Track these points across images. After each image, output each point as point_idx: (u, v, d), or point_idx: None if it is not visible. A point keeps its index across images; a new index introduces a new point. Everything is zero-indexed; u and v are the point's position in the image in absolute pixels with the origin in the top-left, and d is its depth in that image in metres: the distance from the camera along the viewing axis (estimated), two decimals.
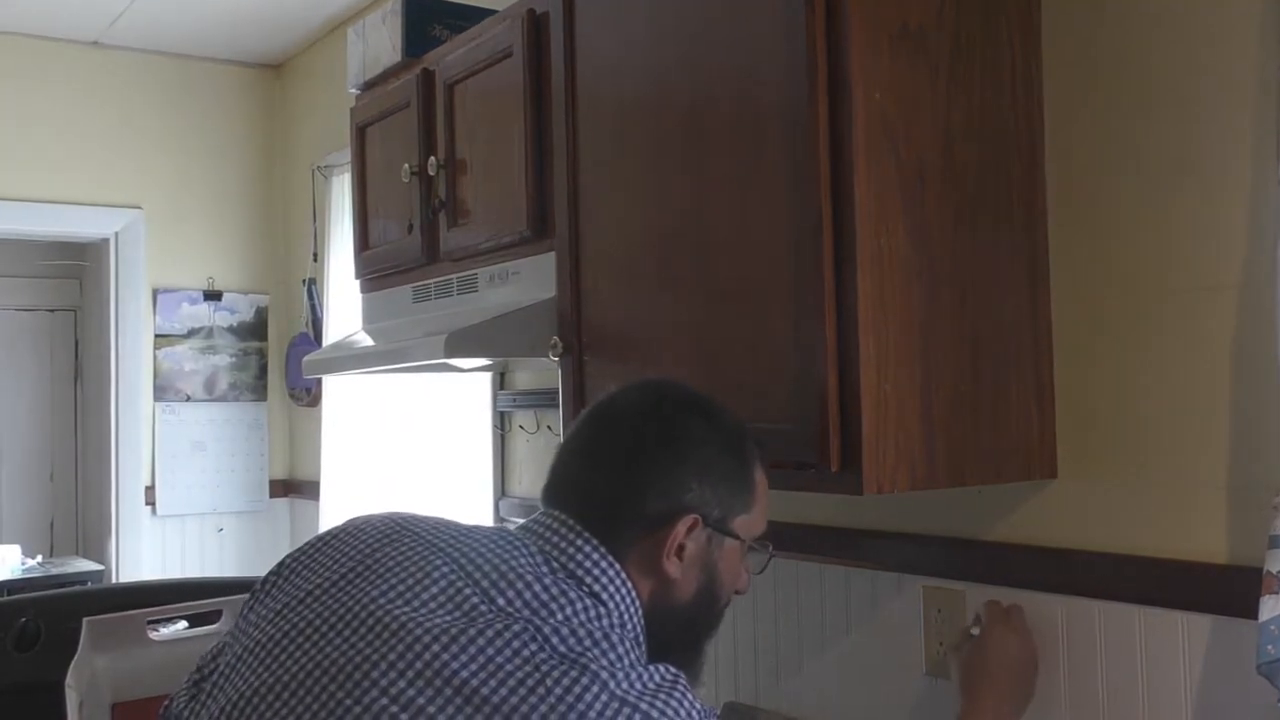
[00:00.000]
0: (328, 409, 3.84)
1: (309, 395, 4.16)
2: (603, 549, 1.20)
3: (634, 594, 1.20)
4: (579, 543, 1.20)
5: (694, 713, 1.08)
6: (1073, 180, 1.54)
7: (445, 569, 1.15)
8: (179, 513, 4.23)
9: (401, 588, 1.13)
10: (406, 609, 1.11)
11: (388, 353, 2.23)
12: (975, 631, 1.55)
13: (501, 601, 1.11)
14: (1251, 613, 1.25)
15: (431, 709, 1.03)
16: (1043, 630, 1.57)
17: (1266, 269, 1.30)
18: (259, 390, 4.39)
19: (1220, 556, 1.38)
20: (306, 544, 1.28)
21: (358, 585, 1.16)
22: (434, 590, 1.12)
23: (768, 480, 1.33)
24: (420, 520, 1.26)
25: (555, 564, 1.17)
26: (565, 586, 1.15)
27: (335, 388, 3.82)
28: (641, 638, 1.20)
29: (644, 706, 1.05)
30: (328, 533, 1.28)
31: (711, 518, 1.24)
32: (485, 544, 1.18)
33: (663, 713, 1.06)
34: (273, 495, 4.36)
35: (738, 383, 1.50)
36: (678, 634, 1.24)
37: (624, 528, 1.22)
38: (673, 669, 1.12)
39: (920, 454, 1.43)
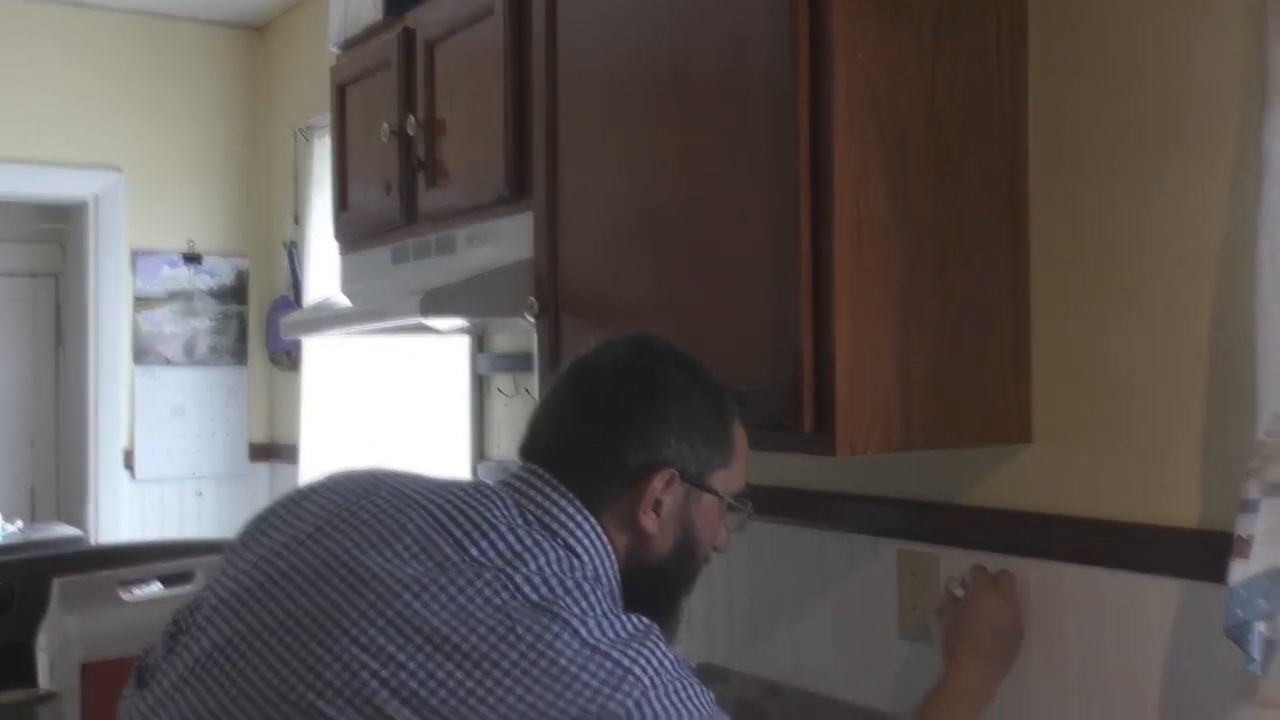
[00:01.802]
0: (308, 373, 3.82)
1: (289, 359, 4.14)
2: (578, 503, 1.19)
3: (609, 548, 1.20)
4: (554, 496, 1.19)
5: (666, 662, 1.08)
6: (1055, 150, 1.53)
7: (419, 520, 1.15)
8: (158, 477, 4.22)
9: (375, 538, 1.14)
10: (379, 559, 1.11)
11: (365, 313, 2.22)
12: (960, 594, 1.55)
13: (474, 552, 1.11)
14: (1223, 577, 1.25)
15: (402, 656, 1.03)
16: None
17: (1246, 240, 1.29)
18: (239, 354, 4.37)
19: (1192, 521, 1.39)
20: (284, 497, 1.28)
21: (332, 536, 1.16)
22: (407, 541, 1.12)
23: (747, 438, 1.32)
24: (397, 474, 1.26)
25: (530, 516, 1.17)
26: (539, 538, 1.15)
27: (315, 352, 3.81)
28: (616, 591, 1.20)
29: (615, 654, 1.05)
30: (306, 486, 1.29)
31: (689, 473, 1.24)
32: (460, 496, 1.18)
33: (634, 661, 1.06)
34: (252, 459, 4.35)
35: (715, 343, 1.50)
36: (654, 590, 1.24)
37: (601, 482, 1.21)
38: (645, 619, 1.12)
39: (895, 417, 1.43)
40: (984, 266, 1.51)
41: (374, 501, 1.19)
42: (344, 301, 2.41)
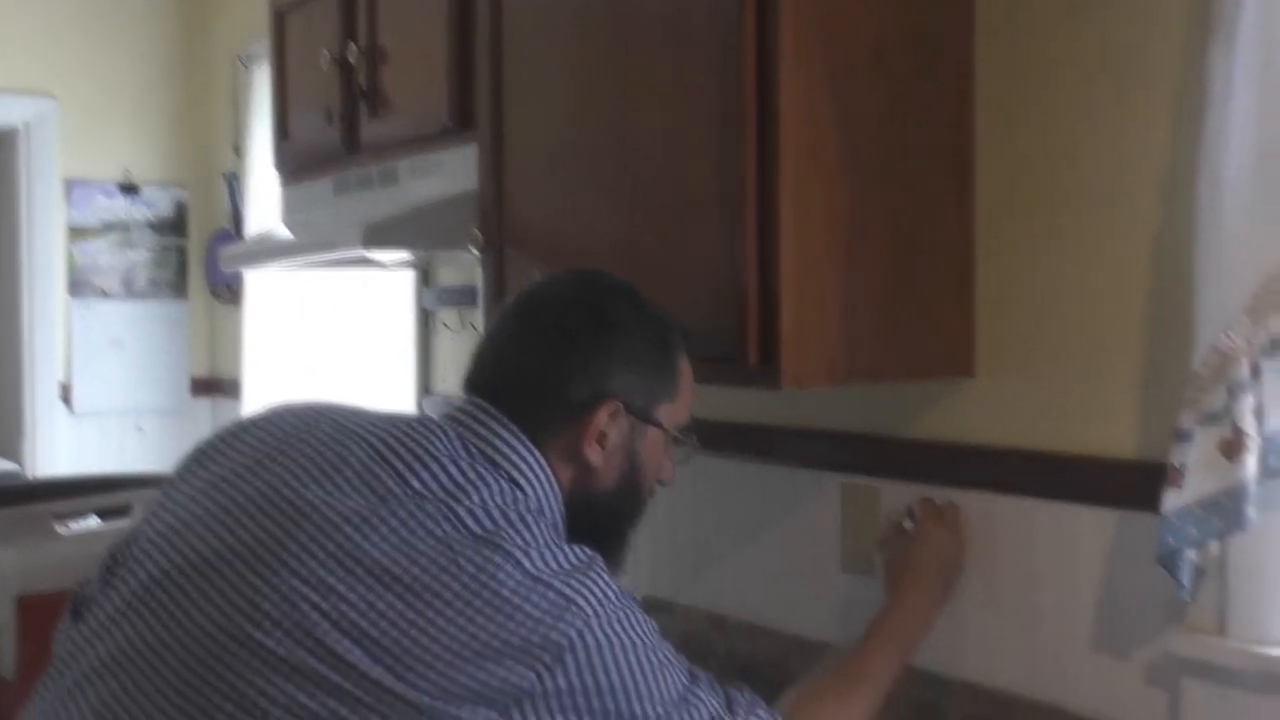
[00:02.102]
0: (250, 307, 3.77)
1: (231, 293, 4.08)
2: (522, 435, 1.19)
3: (553, 481, 1.19)
4: (498, 429, 1.19)
5: (609, 593, 1.09)
6: (1002, 80, 1.52)
7: (360, 452, 1.14)
8: (97, 411, 4.15)
9: (315, 471, 1.13)
10: (320, 492, 1.10)
11: (306, 245, 2.19)
12: (908, 526, 1.55)
13: (416, 484, 1.10)
14: (1157, 507, 1.27)
15: (343, 589, 1.03)
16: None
17: (1187, 171, 1.30)
18: (179, 287, 4.29)
19: (1129, 452, 1.41)
20: (223, 430, 1.27)
21: (271, 469, 1.15)
22: (348, 473, 1.12)
23: (692, 371, 1.32)
24: (338, 407, 1.25)
25: (473, 449, 1.16)
26: (482, 470, 1.14)
27: (257, 285, 3.75)
28: (561, 524, 1.20)
29: (558, 585, 1.06)
30: (245, 419, 1.27)
31: (635, 405, 1.24)
32: (402, 429, 1.17)
33: (577, 591, 1.06)
34: (194, 394, 4.29)
35: (661, 277, 1.49)
36: (600, 523, 1.24)
37: (545, 414, 1.21)
38: (589, 550, 1.12)
39: (840, 350, 1.43)
40: (930, 200, 1.51)
41: (314, 434, 1.18)
42: (285, 233, 2.38)
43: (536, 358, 1.23)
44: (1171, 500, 1.24)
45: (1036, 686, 1.49)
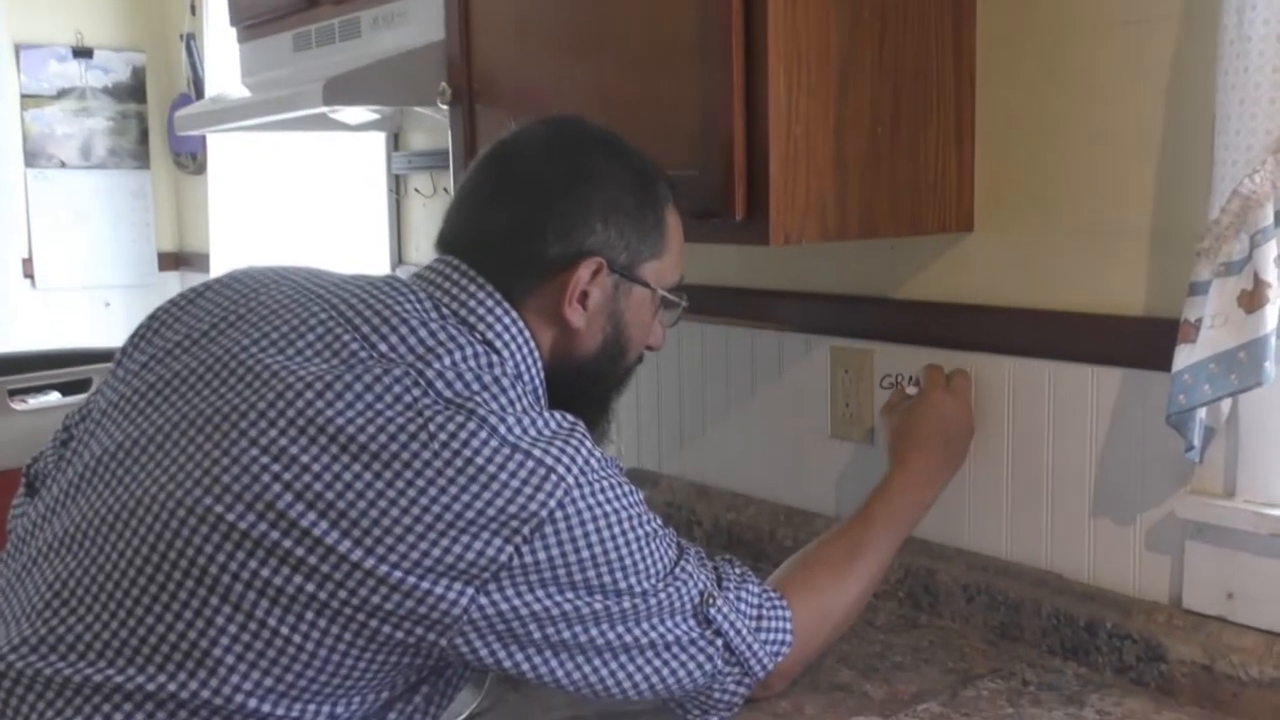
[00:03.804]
0: (214, 176, 3.65)
1: (195, 162, 3.95)
2: (498, 295, 1.11)
3: (532, 343, 1.12)
4: (471, 288, 1.11)
5: (592, 460, 1.02)
6: None
7: (323, 315, 1.07)
8: (61, 286, 4.04)
9: (275, 335, 1.06)
10: (280, 357, 1.03)
11: (265, 103, 2.08)
12: (912, 392, 1.48)
13: (384, 348, 1.03)
14: (1165, 365, 1.21)
15: (305, 458, 0.96)
16: None
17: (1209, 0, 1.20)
18: (141, 156, 4.14)
19: (1137, 309, 1.34)
20: (178, 295, 1.20)
21: (228, 335, 1.08)
22: (310, 338, 1.05)
23: (682, 226, 1.24)
24: (300, 269, 1.18)
25: (445, 310, 1.09)
26: (455, 332, 1.07)
27: (222, 153, 3.63)
28: (541, 390, 1.13)
29: (536, 453, 0.99)
30: (203, 284, 1.19)
31: (618, 262, 1.16)
32: (368, 290, 1.10)
33: (558, 459, 0.99)
34: (162, 268, 4.19)
35: (641, 128, 1.39)
36: (583, 389, 1.17)
37: (522, 272, 1.13)
38: (570, 416, 1.05)
39: (832, 202, 1.35)
40: (926, 42, 1.41)
41: (273, 296, 1.11)
42: (242, 92, 2.26)
43: (511, 213, 1.15)
44: (1184, 357, 1.17)
45: (1034, 553, 1.45)
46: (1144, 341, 1.30)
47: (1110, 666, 1.34)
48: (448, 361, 1.03)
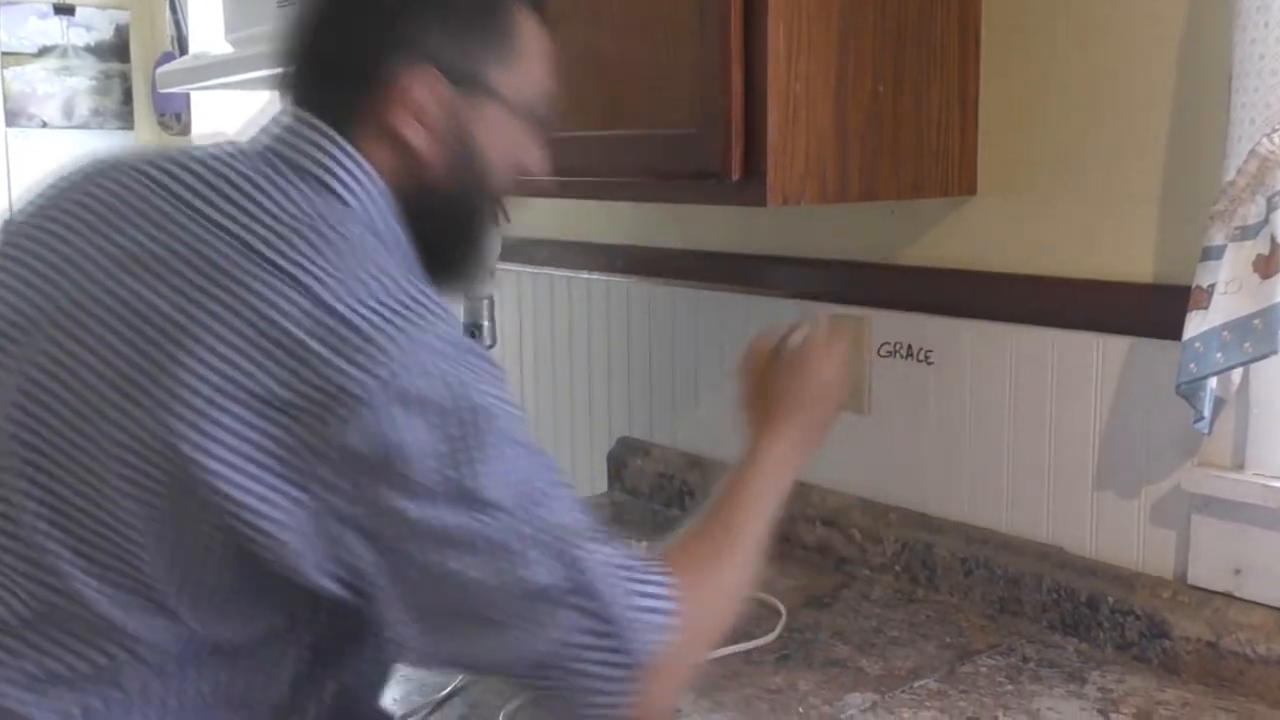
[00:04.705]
0: (199, 137, 3.58)
1: (180, 122, 3.87)
2: (328, 129, 0.96)
3: (373, 176, 0.97)
4: (302, 128, 0.96)
5: (438, 341, 0.87)
6: None
7: (149, 194, 0.97)
8: None
9: (96, 220, 0.97)
10: (101, 241, 0.95)
11: (247, 60, 2.01)
12: (797, 339, 1.22)
13: (216, 216, 0.92)
14: (1173, 334, 1.17)
15: (126, 349, 0.88)
16: (951, 356, 1.49)
17: None
18: (125, 117, 4.06)
19: (1145, 276, 1.30)
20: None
21: (51, 231, 1.00)
22: (137, 220, 0.94)
23: (549, 45, 1.06)
24: (132, 152, 1.05)
25: (275, 159, 0.95)
26: (284, 182, 0.93)
27: (208, 112, 3.56)
28: (406, 243, 0.99)
29: (357, 320, 0.85)
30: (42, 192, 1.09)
31: (454, 70, 0.99)
32: (197, 158, 0.97)
33: (382, 330, 0.85)
34: None
35: (634, 85, 1.35)
36: (442, 224, 1.02)
37: (348, 96, 0.97)
38: (426, 290, 0.91)
39: (831, 163, 1.30)
40: None
41: (101, 187, 1.01)
42: (225, 49, 2.20)
43: (331, 31, 1.00)
44: (1195, 324, 1.13)
45: (1035, 527, 1.42)
46: (1153, 309, 1.26)
47: (1112, 643, 1.31)
48: (270, 219, 0.91)
